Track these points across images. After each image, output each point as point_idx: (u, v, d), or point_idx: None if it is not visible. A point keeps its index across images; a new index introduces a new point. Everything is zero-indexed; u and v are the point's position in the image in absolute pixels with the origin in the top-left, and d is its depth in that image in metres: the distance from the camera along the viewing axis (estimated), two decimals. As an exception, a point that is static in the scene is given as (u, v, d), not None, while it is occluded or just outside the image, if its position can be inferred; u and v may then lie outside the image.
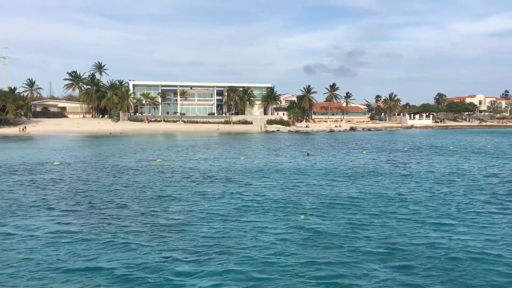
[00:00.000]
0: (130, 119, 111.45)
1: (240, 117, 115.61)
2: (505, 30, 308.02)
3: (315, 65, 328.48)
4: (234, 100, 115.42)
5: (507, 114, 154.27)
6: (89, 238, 13.40)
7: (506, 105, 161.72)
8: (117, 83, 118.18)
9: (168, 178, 25.68)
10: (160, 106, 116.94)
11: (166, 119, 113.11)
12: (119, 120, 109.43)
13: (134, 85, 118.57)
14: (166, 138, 72.15)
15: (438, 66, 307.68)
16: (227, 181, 24.46)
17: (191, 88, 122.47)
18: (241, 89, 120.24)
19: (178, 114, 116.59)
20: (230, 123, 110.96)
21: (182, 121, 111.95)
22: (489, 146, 53.96)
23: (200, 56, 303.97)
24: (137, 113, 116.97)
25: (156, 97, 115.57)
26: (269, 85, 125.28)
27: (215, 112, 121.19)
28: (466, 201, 18.60)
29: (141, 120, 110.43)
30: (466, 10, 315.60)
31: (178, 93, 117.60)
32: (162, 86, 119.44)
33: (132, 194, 20.45)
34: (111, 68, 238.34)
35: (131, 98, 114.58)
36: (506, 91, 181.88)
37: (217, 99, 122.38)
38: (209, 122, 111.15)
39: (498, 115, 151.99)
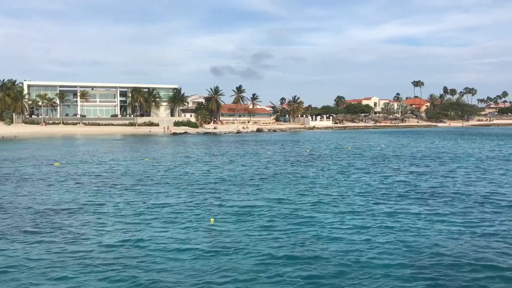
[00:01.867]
0: (25, 122, 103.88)
1: (145, 119, 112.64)
2: (396, 37, 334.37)
3: (222, 67, 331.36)
4: (139, 101, 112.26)
5: (398, 115, 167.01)
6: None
7: (398, 106, 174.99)
8: (9, 83, 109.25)
9: (65, 185, 24.33)
10: (58, 107, 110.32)
11: (65, 121, 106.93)
12: (12, 123, 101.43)
13: (29, 85, 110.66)
14: (66, 142, 68.25)
15: (338, 70, 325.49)
16: (130, 187, 23.77)
17: (92, 89, 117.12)
18: (146, 90, 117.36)
19: (78, 116, 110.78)
20: (135, 125, 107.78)
21: (83, 123, 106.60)
22: (383, 145, 58.11)
23: (101, 56, 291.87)
24: (32, 115, 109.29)
25: (54, 98, 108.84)
26: (176, 86, 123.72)
27: (119, 113, 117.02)
28: (363, 203, 19.84)
29: (38, 123, 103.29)
30: (362, 18, 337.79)
31: (78, 94, 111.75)
32: (60, 86, 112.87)
33: (25, 204, 19.08)
34: (1, 67, 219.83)
35: (26, 99, 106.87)
36: (398, 93, 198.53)
37: (120, 100, 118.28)
38: (112, 124, 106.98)
39: (391, 116, 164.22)
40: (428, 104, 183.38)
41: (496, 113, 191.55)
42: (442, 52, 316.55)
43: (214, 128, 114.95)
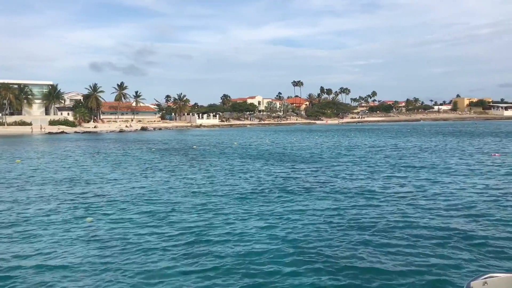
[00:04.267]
0: None
1: (16, 118, 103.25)
2: (277, 38, 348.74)
3: (102, 63, 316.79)
4: (8, 98, 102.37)
5: (281, 114, 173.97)
6: None
7: (280, 105, 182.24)
8: None
9: None
10: None
11: None
12: None
13: None
14: None
15: (223, 69, 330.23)
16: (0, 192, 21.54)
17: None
18: (17, 86, 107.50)
19: None
20: (4, 125, 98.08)
21: None
22: (267, 140, 60.09)
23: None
24: None
25: None
26: (51, 83, 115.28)
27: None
28: (249, 200, 20.18)
29: None
30: (245, 19, 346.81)
31: None
32: None
33: None
34: None
35: None
36: (280, 93, 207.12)
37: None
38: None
39: (274, 114, 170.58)
40: (307, 103, 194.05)
41: (367, 111, 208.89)
42: (319, 54, 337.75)
43: (95, 127, 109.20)
